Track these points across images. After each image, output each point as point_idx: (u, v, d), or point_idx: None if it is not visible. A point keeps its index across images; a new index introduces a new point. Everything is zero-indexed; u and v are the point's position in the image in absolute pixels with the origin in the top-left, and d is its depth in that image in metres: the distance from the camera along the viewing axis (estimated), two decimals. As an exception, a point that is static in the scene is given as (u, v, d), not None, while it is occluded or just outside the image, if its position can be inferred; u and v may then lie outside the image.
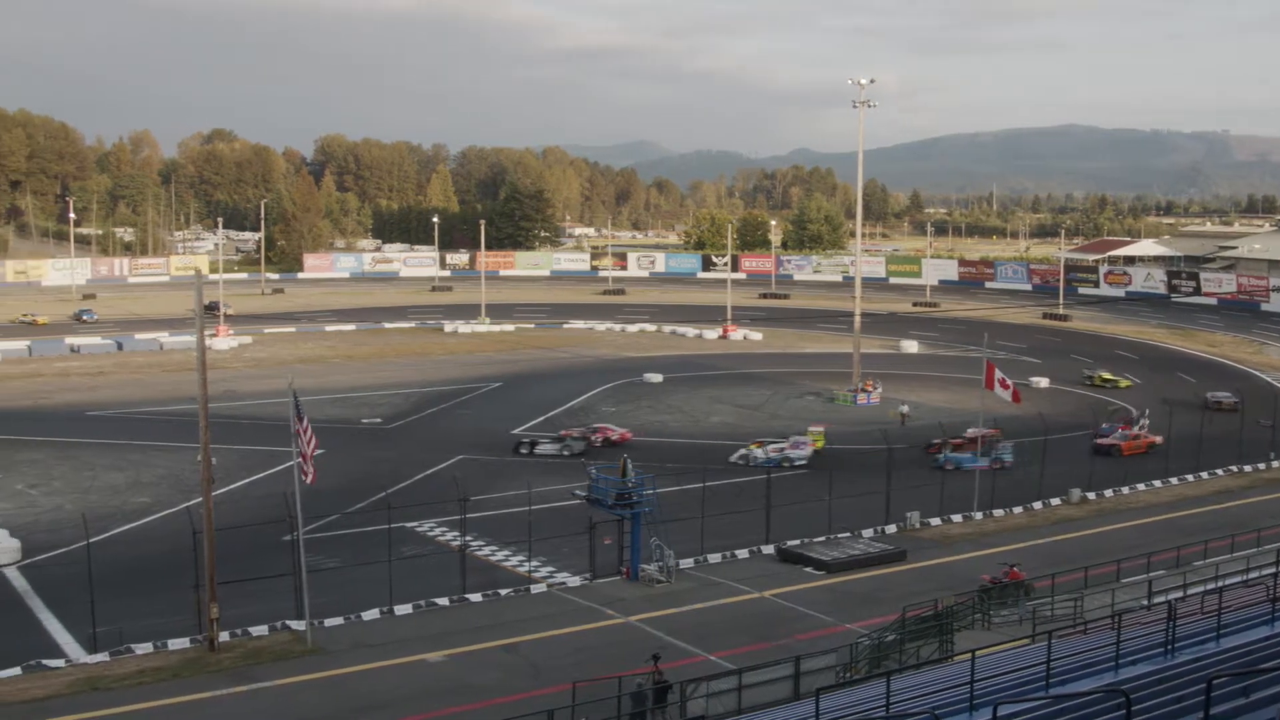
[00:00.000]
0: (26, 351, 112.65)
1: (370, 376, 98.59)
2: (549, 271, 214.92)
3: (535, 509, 48.66)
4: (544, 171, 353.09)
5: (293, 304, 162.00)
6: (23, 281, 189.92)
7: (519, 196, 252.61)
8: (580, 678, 31.91)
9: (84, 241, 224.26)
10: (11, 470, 65.76)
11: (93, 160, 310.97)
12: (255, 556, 45.52)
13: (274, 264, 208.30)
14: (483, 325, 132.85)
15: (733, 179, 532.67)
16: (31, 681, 36.16)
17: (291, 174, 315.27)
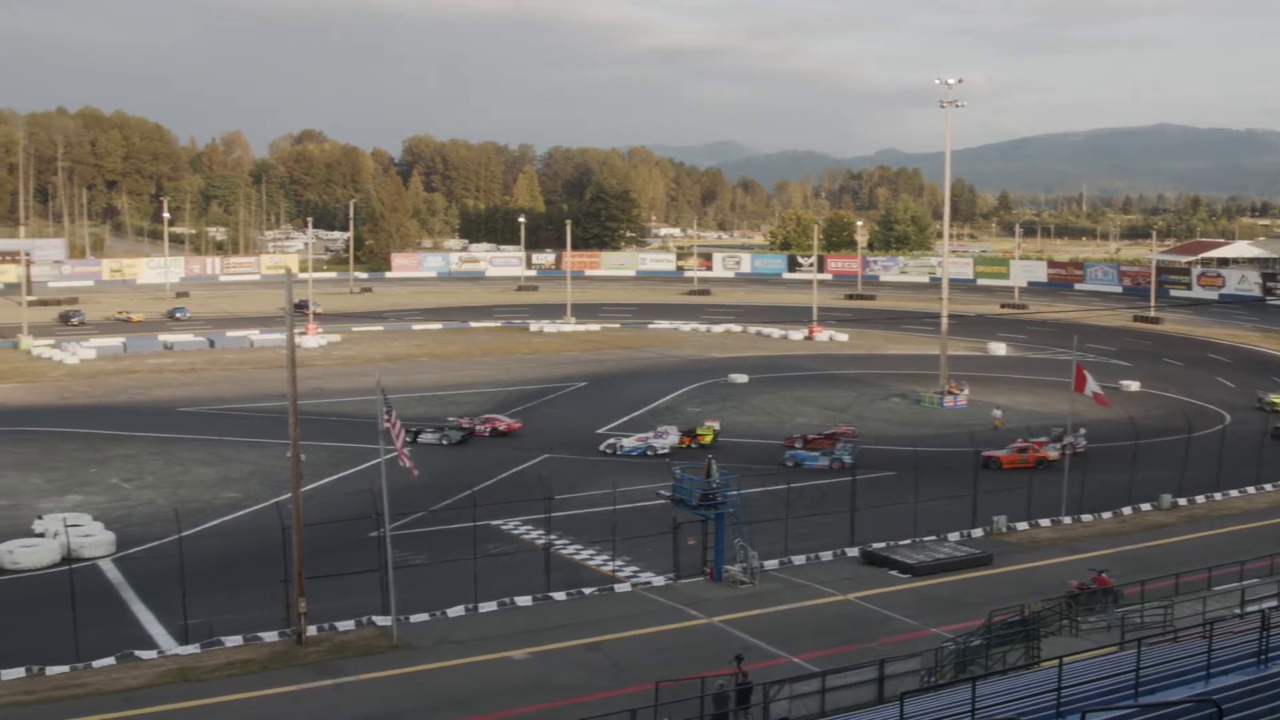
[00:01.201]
0: (122, 348, 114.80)
1: (456, 375, 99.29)
2: (634, 272, 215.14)
3: (620, 509, 48.75)
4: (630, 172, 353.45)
5: (380, 303, 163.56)
6: (118, 280, 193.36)
7: (605, 197, 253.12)
8: (663, 678, 31.93)
9: (177, 241, 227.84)
10: (107, 465, 67.06)
11: (186, 161, 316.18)
12: (343, 552, 46.03)
13: (362, 263, 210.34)
14: (568, 325, 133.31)
15: (819, 179, 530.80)
16: (124, 671, 36.84)
17: (380, 174, 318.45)
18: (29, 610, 43.26)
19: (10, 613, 43.02)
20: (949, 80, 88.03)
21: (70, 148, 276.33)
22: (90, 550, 49.36)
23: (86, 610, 39.48)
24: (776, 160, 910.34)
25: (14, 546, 48.70)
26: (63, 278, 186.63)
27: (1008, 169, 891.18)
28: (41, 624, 40.81)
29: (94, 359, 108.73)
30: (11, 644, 38.41)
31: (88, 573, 46.61)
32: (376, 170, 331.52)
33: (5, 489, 61.54)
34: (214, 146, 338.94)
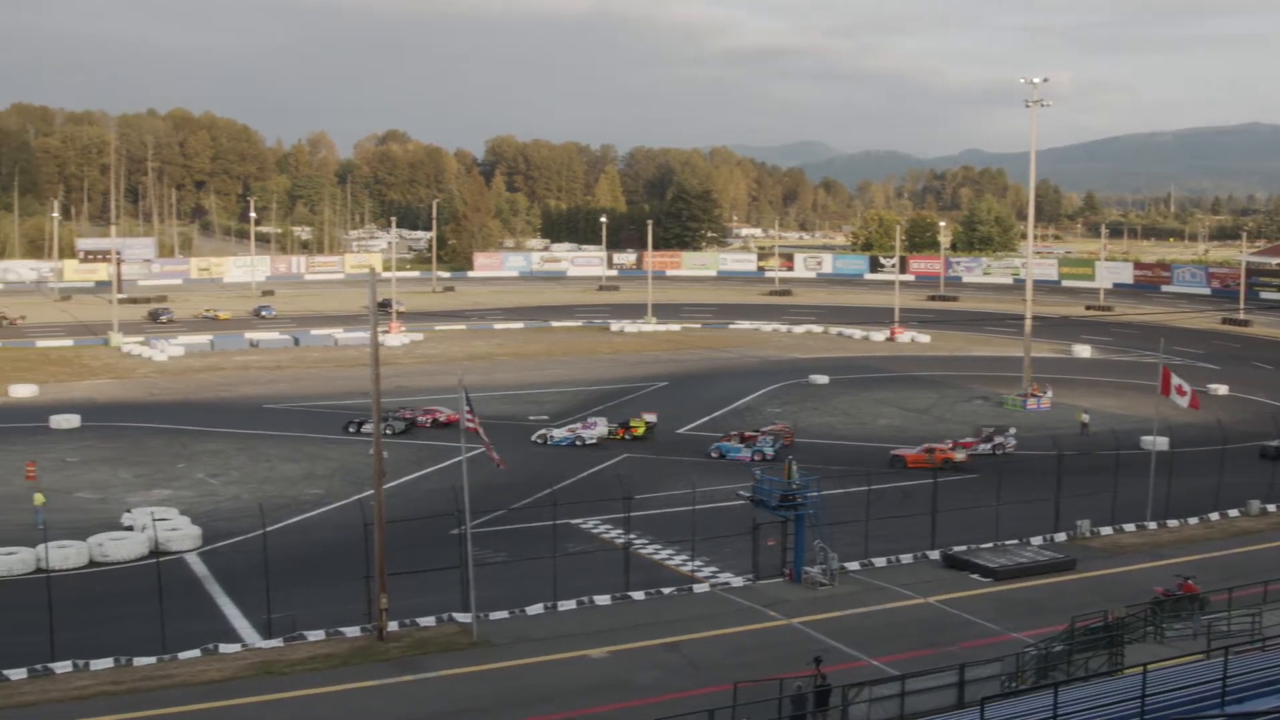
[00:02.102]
0: (209, 345, 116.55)
1: (537, 374, 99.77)
2: (715, 272, 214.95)
3: (699, 509, 48.77)
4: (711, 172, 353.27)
5: (462, 302, 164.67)
6: (206, 278, 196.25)
7: (686, 197, 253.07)
8: (741, 678, 31.90)
9: (263, 240, 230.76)
10: (194, 460, 68.10)
11: (273, 161, 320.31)
12: (424, 549, 46.39)
13: (445, 263, 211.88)
14: (649, 325, 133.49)
15: (901, 179, 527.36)
16: (209, 664, 37.41)
17: (463, 174, 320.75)
18: (117, 602, 44.04)
19: (100, 604, 43.82)
20: (1034, 79, 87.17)
21: (160, 149, 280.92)
22: (177, 544, 50.19)
23: (173, 603, 40.13)
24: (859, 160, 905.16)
25: (103, 539, 49.62)
26: (152, 276, 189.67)
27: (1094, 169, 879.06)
28: (129, 616, 41.53)
29: (182, 356, 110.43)
30: (101, 635, 39.18)
31: (174, 566, 47.39)
32: (459, 170, 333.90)
33: (95, 483, 62.74)
34: (300, 147, 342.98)
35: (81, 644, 37.71)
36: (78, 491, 60.86)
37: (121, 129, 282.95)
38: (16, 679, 35.90)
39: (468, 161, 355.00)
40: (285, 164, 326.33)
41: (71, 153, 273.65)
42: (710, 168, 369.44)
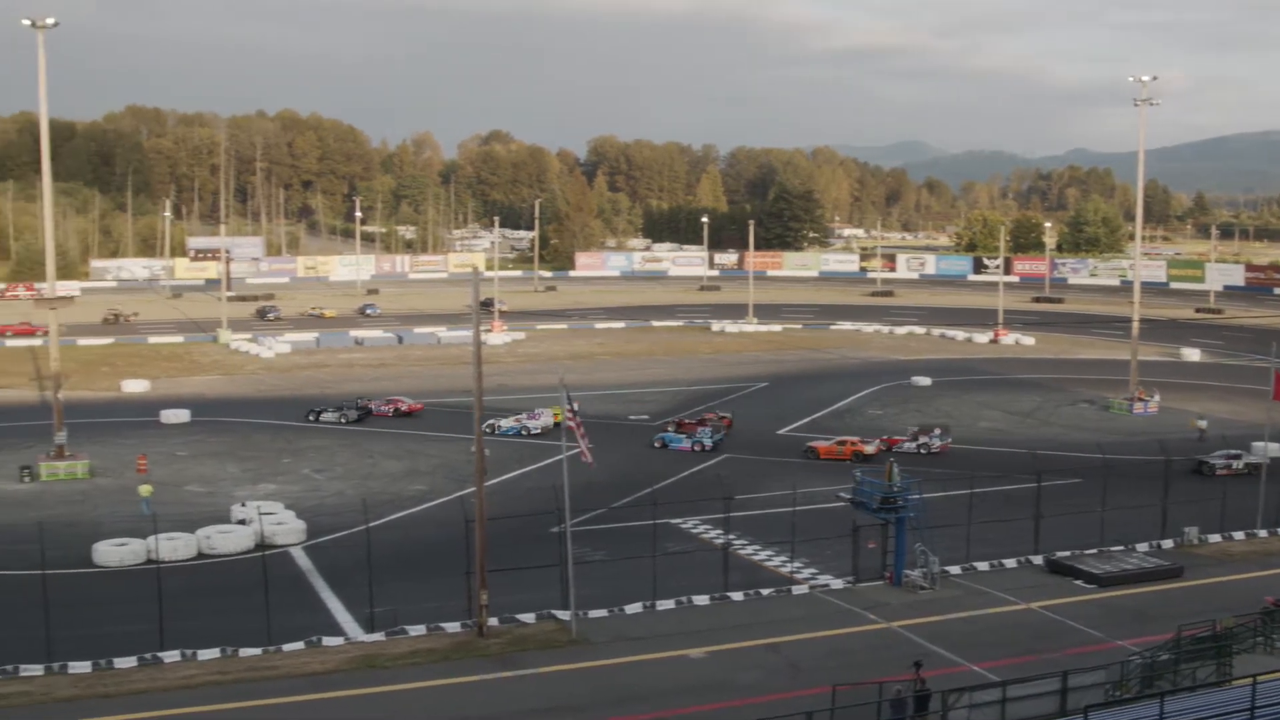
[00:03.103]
0: (315, 343, 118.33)
1: (638, 374, 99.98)
2: (817, 272, 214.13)
3: (799, 510, 48.59)
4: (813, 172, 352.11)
5: (564, 301, 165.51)
6: (312, 277, 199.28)
7: (788, 197, 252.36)
8: (840, 681, 31.76)
9: (368, 239, 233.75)
10: (299, 456, 69.15)
11: (378, 161, 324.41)
12: (524, 546, 46.69)
13: (547, 262, 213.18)
14: (750, 325, 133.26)
15: (1006, 179, 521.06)
16: (312, 656, 37.97)
17: (565, 174, 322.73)
18: (224, 594, 44.85)
19: (207, 595, 44.65)
20: (1143, 77, 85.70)
21: (268, 149, 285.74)
22: (282, 538, 51.00)
23: (278, 596, 40.76)
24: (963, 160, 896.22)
25: (211, 532, 50.57)
26: (260, 274, 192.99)
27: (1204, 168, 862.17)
28: (236, 607, 42.34)
29: (288, 353, 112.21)
30: (208, 625, 39.92)
31: (279, 559, 48.10)
32: (562, 170, 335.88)
33: (204, 477, 63.95)
34: (404, 147, 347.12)
35: (189, 634, 38.47)
36: (187, 485, 62.08)
37: (231, 130, 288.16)
38: (127, 667, 36.72)
39: (570, 161, 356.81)
40: (390, 164, 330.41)
41: (183, 153, 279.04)
42: (813, 168, 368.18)
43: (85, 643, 37.94)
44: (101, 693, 34.93)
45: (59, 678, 35.98)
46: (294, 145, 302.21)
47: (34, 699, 34.50)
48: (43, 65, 65.14)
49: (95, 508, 57.64)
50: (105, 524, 53.66)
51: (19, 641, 37.67)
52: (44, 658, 36.54)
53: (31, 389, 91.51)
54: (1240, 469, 65.40)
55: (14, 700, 34.33)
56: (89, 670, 36.46)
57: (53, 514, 55.11)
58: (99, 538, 49.98)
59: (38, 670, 36.24)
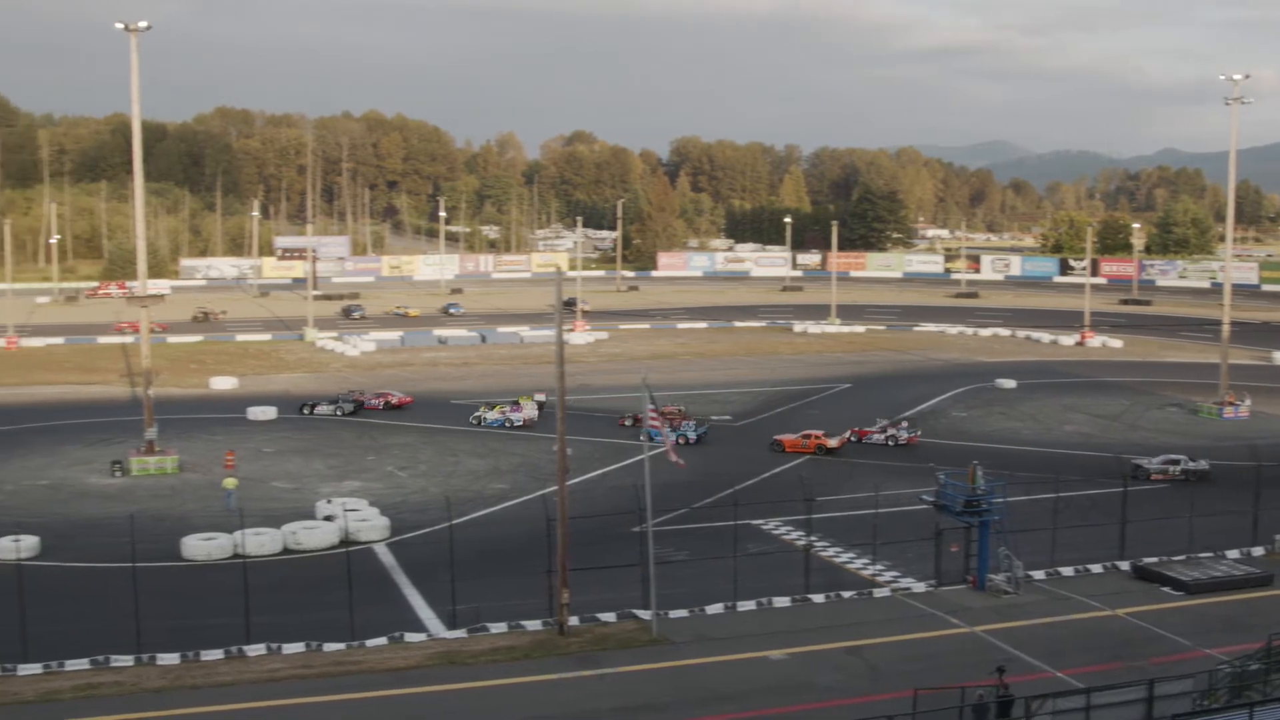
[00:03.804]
0: (399, 341, 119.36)
1: (720, 374, 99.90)
2: (900, 273, 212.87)
3: (881, 512, 48.32)
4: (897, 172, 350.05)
5: (646, 301, 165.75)
6: (396, 276, 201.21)
7: (871, 197, 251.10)
8: (922, 685, 31.54)
9: (452, 239, 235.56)
10: (383, 453, 69.80)
11: (462, 162, 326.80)
12: (605, 545, 46.79)
13: (630, 262, 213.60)
14: (832, 326, 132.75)
15: (1094, 180, 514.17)
16: (395, 652, 38.31)
17: (648, 174, 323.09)
18: (309, 589, 45.39)
19: (293, 590, 45.20)
20: (1235, 76, 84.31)
21: (354, 150, 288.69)
22: (366, 534, 51.48)
23: (361, 591, 41.21)
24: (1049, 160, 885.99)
25: (297, 528, 51.18)
26: (345, 274, 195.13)
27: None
28: (320, 602, 42.82)
29: (373, 351, 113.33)
30: (293, 620, 40.41)
31: (363, 556, 48.59)
32: (644, 170, 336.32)
33: (290, 473, 64.75)
34: (488, 148, 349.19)
35: (275, 628, 38.97)
36: (273, 481, 62.88)
37: (318, 131, 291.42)
38: (213, 659, 37.28)
39: (653, 162, 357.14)
40: (474, 164, 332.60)
41: (270, 154, 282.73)
42: (896, 168, 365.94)
43: (174, 634, 38.56)
44: (189, 684, 35.49)
45: (148, 668, 36.62)
46: (379, 146, 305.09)
47: (124, 689, 35.13)
48: (135, 68, 66.30)
49: (184, 502, 58.58)
50: (193, 518, 54.51)
51: (110, 632, 38.44)
52: (134, 649, 37.19)
53: (123, 385, 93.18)
54: (1176, 474, 64.28)
55: (105, 690, 34.99)
56: (177, 662, 37.06)
57: (143, 508, 56.06)
58: (187, 532, 50.79)
59: (128, 661, 36.90)
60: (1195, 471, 64.08)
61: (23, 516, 54.58)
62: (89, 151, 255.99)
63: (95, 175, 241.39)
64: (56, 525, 53.62)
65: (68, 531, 53.02)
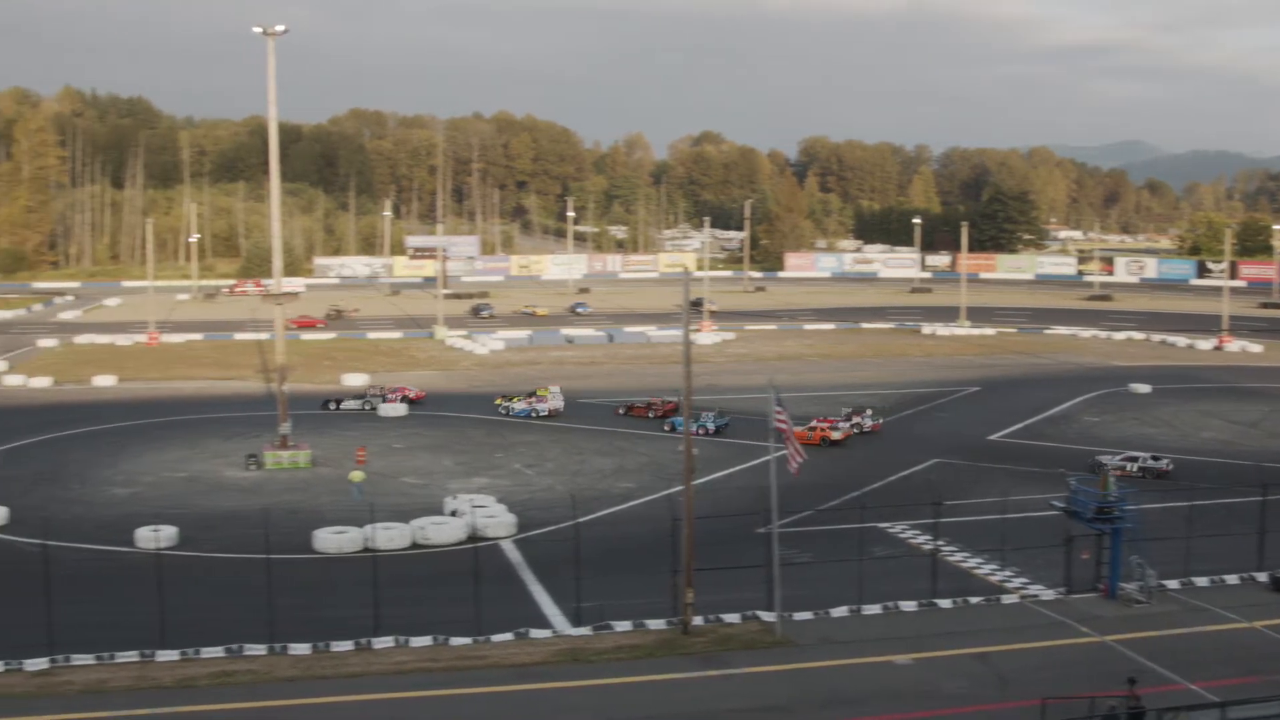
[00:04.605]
0: (527, 340, 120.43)
1: (847, 376, 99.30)
2: (1032, 275, 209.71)
3: (1010, 518, 47.68)
4: (1029, 173, 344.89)
5: (773, 302, 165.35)
6: (525, 275, 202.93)
7: (1002, 198, 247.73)
8: (1050, 694, 31.09)
9: (580, 238, 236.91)
10: (511, 450, 70.50)
11: (590, 162, 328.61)
12: (729, 546, 46.73)
13: (757, 263, 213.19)
14: (961, 328, 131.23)
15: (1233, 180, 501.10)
16: (520, 647, 38.67)
17: (776, 175, 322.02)
18: (437, 584, 46.00)
19: (421, 585, 45.85)
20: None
21: (484, 150, 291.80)
22: (493, 531, 52.07)
23: (488, 587, 41.61)
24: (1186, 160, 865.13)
25: (425, 523, 51.91)
26: (475, 273, 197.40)
27: None
28: (447, 597, 43.33)
29: (501, 350, 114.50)
30: (421, 614, 40.96)
31: (490, 552, 49.18)
32: (773, 171, 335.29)
33: (420, 469, 65.68)
34: (617, 148, 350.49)
35: (402, 621, 39.55)
36: (403, 476, 63.83)
37: (449, 132, 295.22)
38: (343, 651, 37.97)
39: (781, 162, 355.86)
40: (603, 165, 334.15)
41: (403, 155, 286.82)
42: (1028, 168, 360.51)
43: (305, 625, 39.38)
44: (319, 674, 36.19)
45: (280, 658, 37.40)
46: (509, 146, 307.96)
47: (258, 677, 35.93)
48: (272, 71, 67.75)
49: (316, 496, 59.73)
50: (325, 512, 55.59)
51: (244, 622, 39.30)
52: (267, 638, 38.02)
53: (258, 381, 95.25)
54: (1134, 472, 63.70)
55: (239, 678, 35.82)
56: (308, 652, 37.81)
57: (276, 501, 57.31)
58: (319, 525, 51.80)
59: (261, 650, 37.74)
60: (1154, 469, 64.45)
61: (162, 507, 56.14)
62: (227, 153, 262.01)
63: (233, 176, 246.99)
64: (194, 516, 55.03)
65: (205, 523, 54.38)
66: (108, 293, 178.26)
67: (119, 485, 62.14)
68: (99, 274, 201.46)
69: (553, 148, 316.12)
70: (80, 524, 54.27)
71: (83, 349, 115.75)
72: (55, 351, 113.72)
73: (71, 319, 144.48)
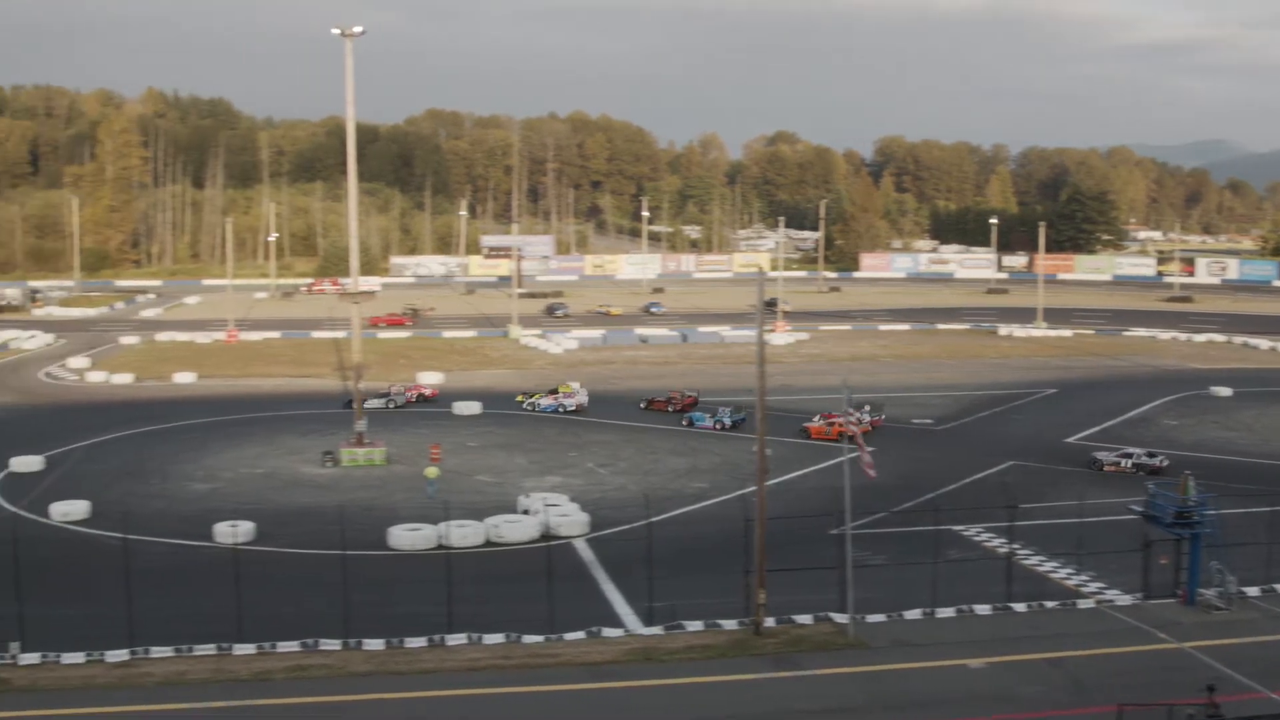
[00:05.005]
0: (601, 340, 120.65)
1: (922, 377, 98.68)
2: (1110, 276, 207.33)
3: (1086, 521, 47.20)
4: (1108, 172, 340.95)
5: (848, 302, 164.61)
6: (599, 275, 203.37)
7: (1081, 198, 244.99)
8: (1126, 700, 30.74)
9: (655, 238, 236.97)
10: (584, 449, 70.70)
11: (665, 162, 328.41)
12: (802, 547, 46.61)
13: (831, 263, 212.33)
14: (1038, 330, 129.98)
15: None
16: (592, 646, 38.79)
17: (851, 175, 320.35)
18: (510, 581, 46.22)
19: (494, 582, 46.09)
20: None
21: (559, 150, 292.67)
22: (566, 529, 52.24)
23: (560, 586, 41.79)
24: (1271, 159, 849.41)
25: (499, 521, 52.18)
26: (549, 272, 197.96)
27: None
28: (520, 595, 43.56)
29: (575, 349, 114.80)
30: (494, 611, 41.23)
31: (563, 550, 49.37)
32: (848, 171, 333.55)
33: (494, 467, 66.04)
34: (691, 148, 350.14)
35: (475, 618, 39.82)
36: (476, 475, 64.21)
37: (524, 132, 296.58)
38: (416, 647, 38.27)
39: (856, 162, 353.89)
40: (677, 165, 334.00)
41: (478, 155, 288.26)
42: (1107, 168, 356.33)
43: (379, 621, 39.71)
44: (393, 670, 36.51)
45: (355, 653, 37.77)
46: (584, 146, 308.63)
47: (332, 671, 36.33)
48: (350, 72, 68.39)
49: (391, 493, 60.22)
50: (400, 509, 56.07)
51: (320, 617, 39.71)
52: (341, 633, 38.41)
53: (335, 379, 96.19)
54: (1128, 468, 64.79)
55: (314, 672, 36.23)
56: (382, 648, 38.15)
57: (351, 498, 57.85)
58: (394, 522, 52.25)
59: (336, 645, 38.13)
60: (1147, 466, 64.51)
61: (240, 503, 56.86)
62: (305, 153, 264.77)
63: (311, 176, 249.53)
64: (271, 512, 55.69)
65: (281, 518, 55.02)
66: (188, 291, 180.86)
67: (198, 480, 63.05)
68: (179, 272, 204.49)
69: (628, 147, 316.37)
70: (160, 518, 55.10)
71: (163, 346, 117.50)
72: (137, 349, 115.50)
73: (153, 317, 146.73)
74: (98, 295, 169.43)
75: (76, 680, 35.89)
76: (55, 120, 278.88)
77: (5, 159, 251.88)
